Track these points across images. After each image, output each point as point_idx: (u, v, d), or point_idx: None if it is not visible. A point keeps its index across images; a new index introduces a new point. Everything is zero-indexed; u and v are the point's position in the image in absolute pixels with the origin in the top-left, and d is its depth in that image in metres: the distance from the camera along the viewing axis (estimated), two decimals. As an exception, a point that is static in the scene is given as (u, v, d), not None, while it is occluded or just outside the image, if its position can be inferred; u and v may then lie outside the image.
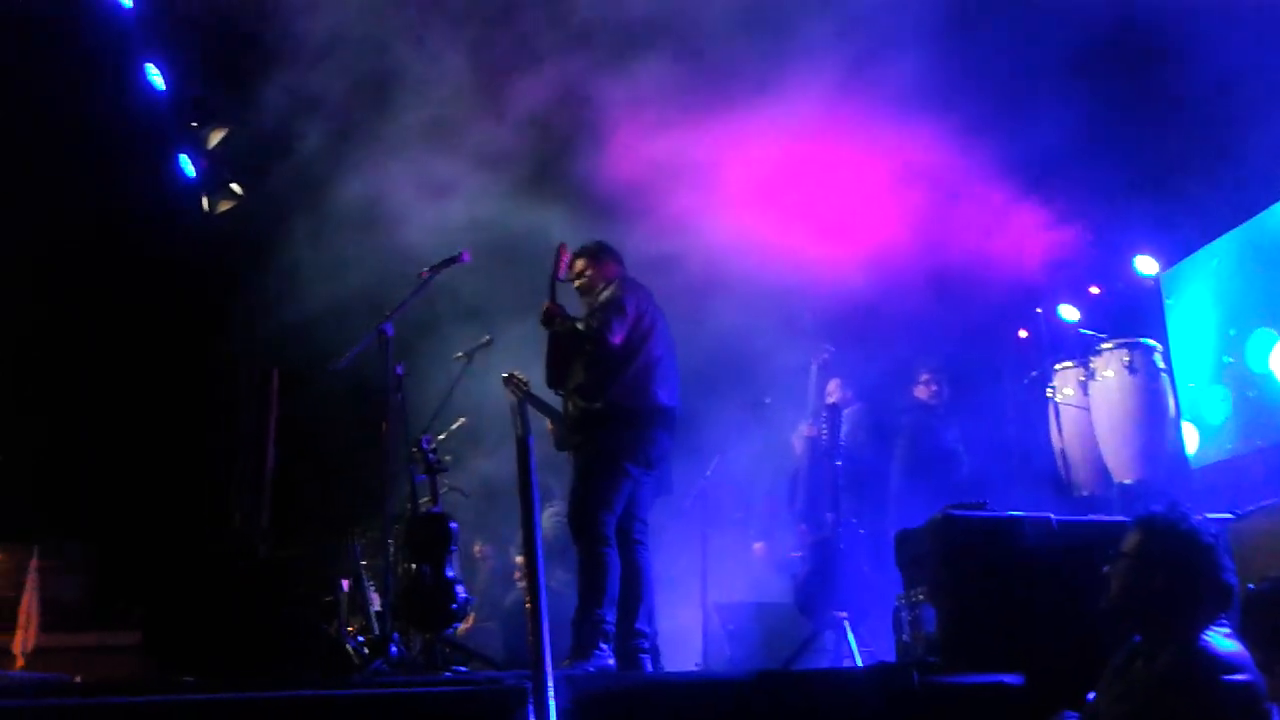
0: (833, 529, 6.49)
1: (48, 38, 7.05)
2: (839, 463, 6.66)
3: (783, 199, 7.45)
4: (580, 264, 6.17)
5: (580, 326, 5.90)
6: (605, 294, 5.94)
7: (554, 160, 7.35)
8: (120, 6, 7.08)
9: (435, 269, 6.06)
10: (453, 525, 5.64)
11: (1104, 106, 6.74)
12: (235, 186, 8.42)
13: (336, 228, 8.28)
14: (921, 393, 7.58)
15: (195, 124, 8.02)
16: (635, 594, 5.70)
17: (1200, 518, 3.42)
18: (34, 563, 7.87)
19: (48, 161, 7.51)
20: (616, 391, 5.78)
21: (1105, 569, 3.48)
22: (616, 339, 5.77)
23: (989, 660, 4.26)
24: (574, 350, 5.90)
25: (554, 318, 5.90)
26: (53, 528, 8.40)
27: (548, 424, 6.15)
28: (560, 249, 6.02)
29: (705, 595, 7.39)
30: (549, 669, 3.56)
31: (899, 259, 7.33)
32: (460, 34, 7.53)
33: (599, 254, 6.19)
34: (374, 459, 6.01)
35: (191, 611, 5.15)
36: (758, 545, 8.36)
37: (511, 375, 6.34)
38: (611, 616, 5.55)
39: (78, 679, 6.42)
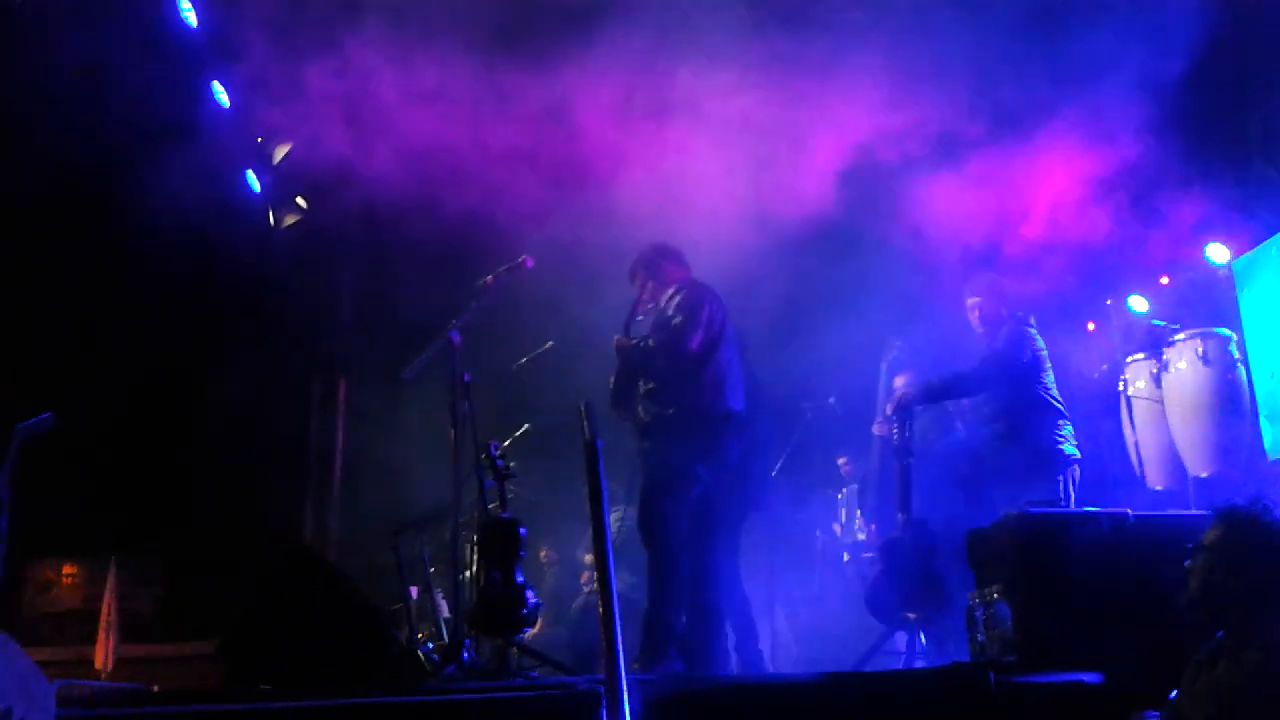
0: (903, 528, 6.43)
1: (116, 59, 7.18)
2: (911, 460, 6.59)
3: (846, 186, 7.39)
4: (639, 278, 6.16)
5: (651, 343, 5.88)
6: (675, 300, 5.91)
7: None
8: (186, 26, 7.20)
9: (499, 275, 6.09)
10: (522, 530, 5.66)
11: (1174, 92, 6.61)
12: (300, 201, 8.53)
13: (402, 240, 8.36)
14: None
15: (260, 140, 8.15)
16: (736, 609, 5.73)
17: (1283, 511, 3.34)
18: (111, 576, 8.02)
19: (119, 179, 7.66)
20: (690, 398, 5.76)
21: (1186, 564, 3.41)
22: (693, 345, 5.76)
23: (1066, 659, 4.21)
24: (647, 368, 5.90)
25: (624, 349, 5.91)
26: (129, 541, 8.56)
27: None
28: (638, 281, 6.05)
29: (773, 595, 7.36)
30: (623, 673, 3.56)
31: (962, 253, 7.26)
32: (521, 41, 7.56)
33: (655, 262, 6.16)
34: (441, 465, 6.05)
35: (265, 621, 5.21)
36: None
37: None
38: (681, 619, 5.54)
39: (155, 688, 6.55)
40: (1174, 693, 3.40)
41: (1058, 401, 6.33)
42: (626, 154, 7.00)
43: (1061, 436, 6.18)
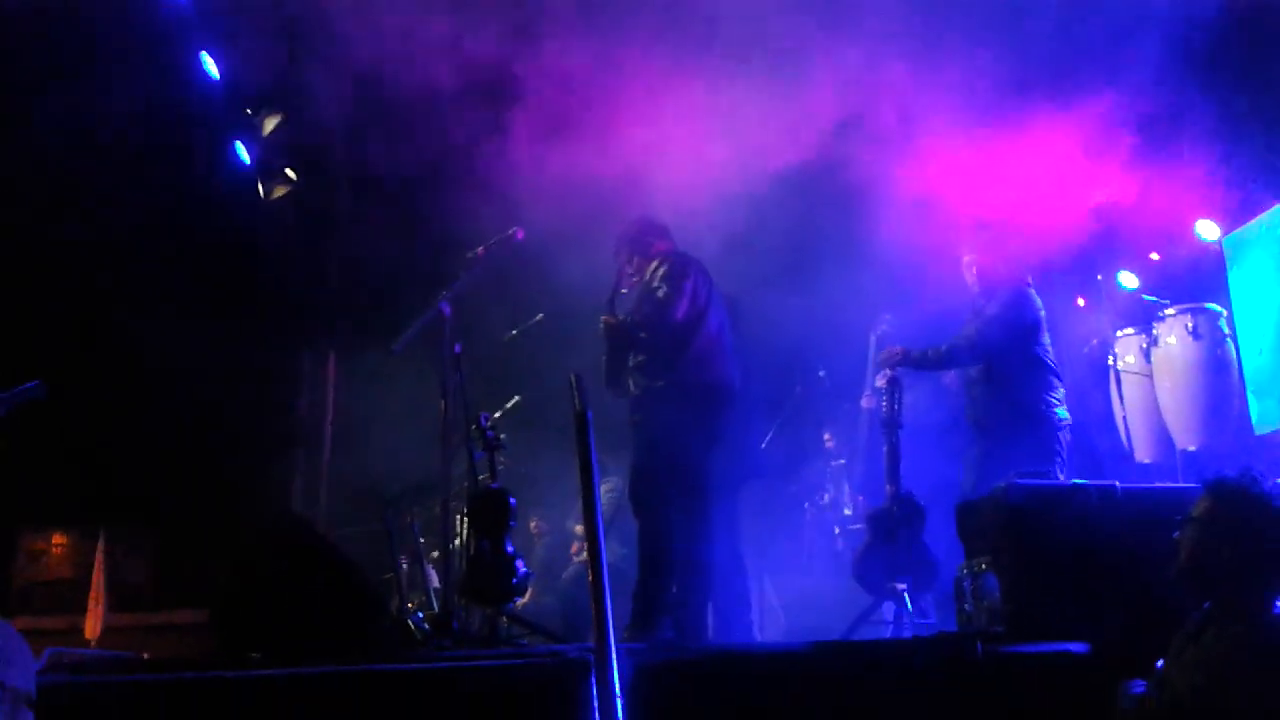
0: (891, 500, 6.45)
1: (104, 28, 7.14)
2: (899, 432, 6.61)
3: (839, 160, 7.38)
4: (623, 254, 6.14)
5: (637, 316, 5.88)
6: (659, 272, 5.91)
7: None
8: (175, -4, 7.15)
9: (489, 247, 6.07)
10: (511, 501, 5.68)
11: (1164, 70, 6.61)
12: (289, 172, 8.49)
13: (390, 210, 8.33)
14: None
15: (249, 111, 8.10)
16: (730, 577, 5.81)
17: (1273, 483, 3.36)
18: (100, 545, 8.02)
19: (106, 150, 7.62)
20: (679, 369, 5.77)
21: (1175, 535, 3.43)
22: (678, 315, 5.75)
23: (1054, 629, 4.23)
24: (634, 341, 5.89)
25: (611, 328, 5.90)
26: (118, 512, 8.56)
27: None
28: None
29: (761, 565, 7.39)
30: (612, 640, 3.58)
31: (952, 228, 7.24)
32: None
33: (638, 236, 6.14)
34: (431, 437, 6.05)
35: (254, 590, 5.21)
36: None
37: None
38: (671, 588, 5.56)
39: (146, 656, 6.56)
40: (1160, 662, 3.42)
41: (1054, 364, 6.29)
42: (618, 121, 6.96)
43: (1055, 399, 6.15)
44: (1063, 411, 6.15)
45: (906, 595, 6.17)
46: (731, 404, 5.93)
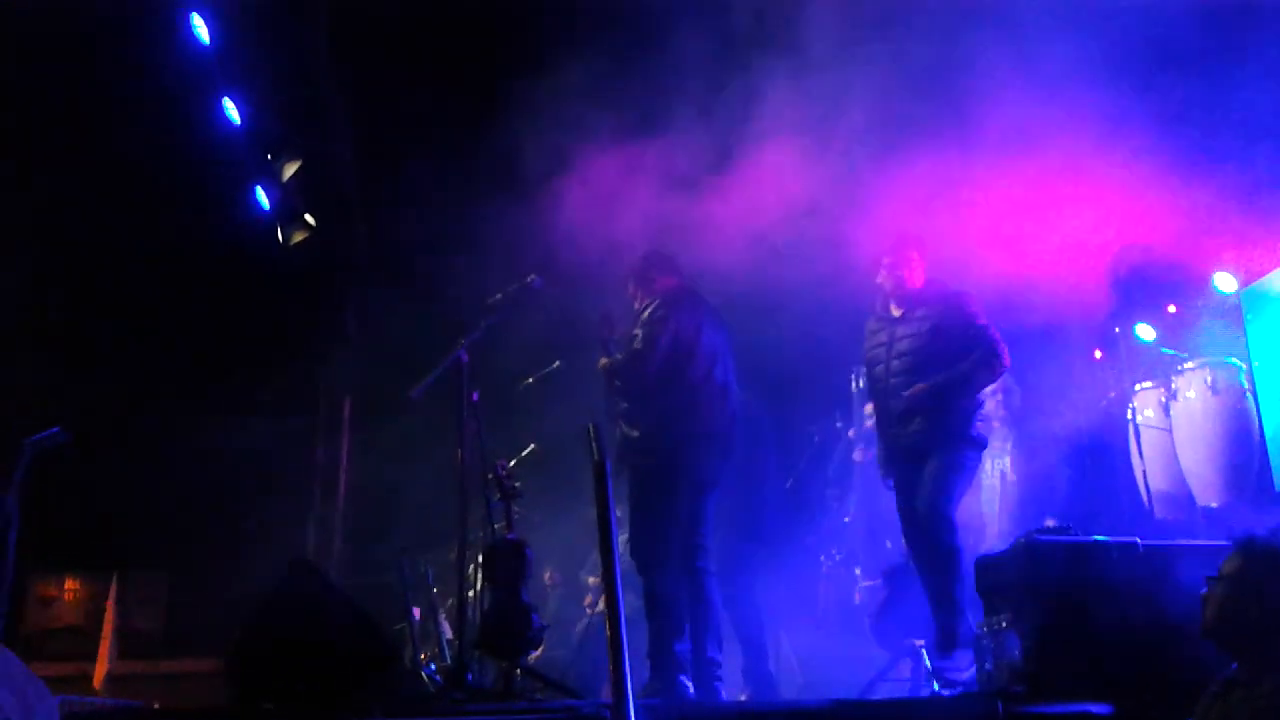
0: (906, 555, 6.40)
1: (129, 74, 7.23)
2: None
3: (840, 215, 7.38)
4: (630, 289, 6.11)
5: (614, 365, 5.83)
6: (644, 315, 5.84)
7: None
8: (199, 42, 7.23)
9: (507, 295, 6.08)
10: (529, 552, 5.64)
11: (1182, 121, 6.63)
12: (309, 218, 8.54)
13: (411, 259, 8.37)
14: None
15: (270, 157, 8.17)
16: (704, 621, 5.63)
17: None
18: (112, 592, 8.00)
19: (128, 194, 7.69)
20: (655, 419, 5.68)
21: (1203, 592, 3.39)
22: (650, 366, 5.69)
23: (1075, 689, 4.18)
24: (613, 388, 5.88)
25: (605, 371, 5.89)
26: (132, 558, 8.55)
27: None
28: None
29: (776, 619, 7.32)
30: (630, 697, 3.53)
31: (967, 279, 7.24)
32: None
33: (644, 271, 6.07)
34: (446, 486, 6.03)
35: (268, 639, 5.18)
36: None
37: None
38: (684, 646, 5.50)
39: (156, 706, 6.51)
40: (1187, 723, 3.38)
41: None
42: (628, 171, 6.99)
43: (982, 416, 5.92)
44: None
45: (925, 652, 6.10)
46: (721, 452, 5.81)
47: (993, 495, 7.17)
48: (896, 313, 5.95)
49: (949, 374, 5.68)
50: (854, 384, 7.72)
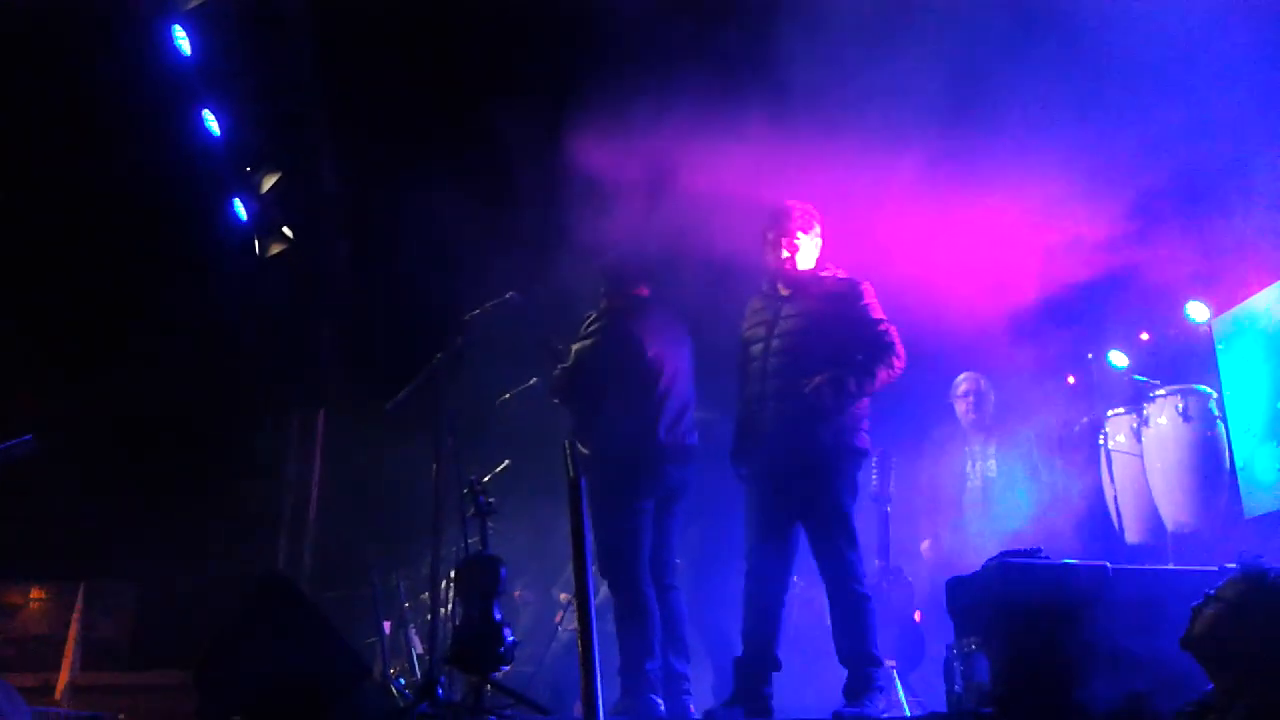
0: (881, 576, 6.42)
1: (110, 85, 7.21)
2: (889, 508, 6.60)
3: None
4: (602, 289, 6.08)
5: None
6: (582, 329, 5.83)
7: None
8: (180, 54, 7.22)
9: (484, 311, 6.08)
10: (502, 569, 5.63)
11: (1157, 150, 6.70)
12: (286, 230, 8.53)
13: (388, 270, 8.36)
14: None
15: (249, 169, 8.16)
16: (670, 636, 5.62)
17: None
18: (78, 602, 7.93)
19: (105, 204, 7.66)
20: (601, 434, 5.64)
21: (1193, 605, 3.41)
22: (571, 383, 5.70)
23: (1044, 711, 4.19)
24: None
25: None
26: (99, 567, 8.47)
27: None
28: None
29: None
30: (601, 714, 3.54)
31: (941, 306, 7.28)
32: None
33: (608, 281, 6.01)
34: (420, 500, 6.01)
35: (236, 652, 5.15)
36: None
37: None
38: (655, 664, 5.48)
39: (122, 717, 6.46)
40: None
41: None
42: (608, 184, 7.00)
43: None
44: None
45: (895, 673, 6.11)
46: (677, 461, 5.70)
47: (975, 498, 7.14)
48: (785, 292, 5.52)
49: (849, 366, 5.22)
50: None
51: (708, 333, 6.22)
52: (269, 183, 8.30)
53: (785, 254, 5.47)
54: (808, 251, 5.53)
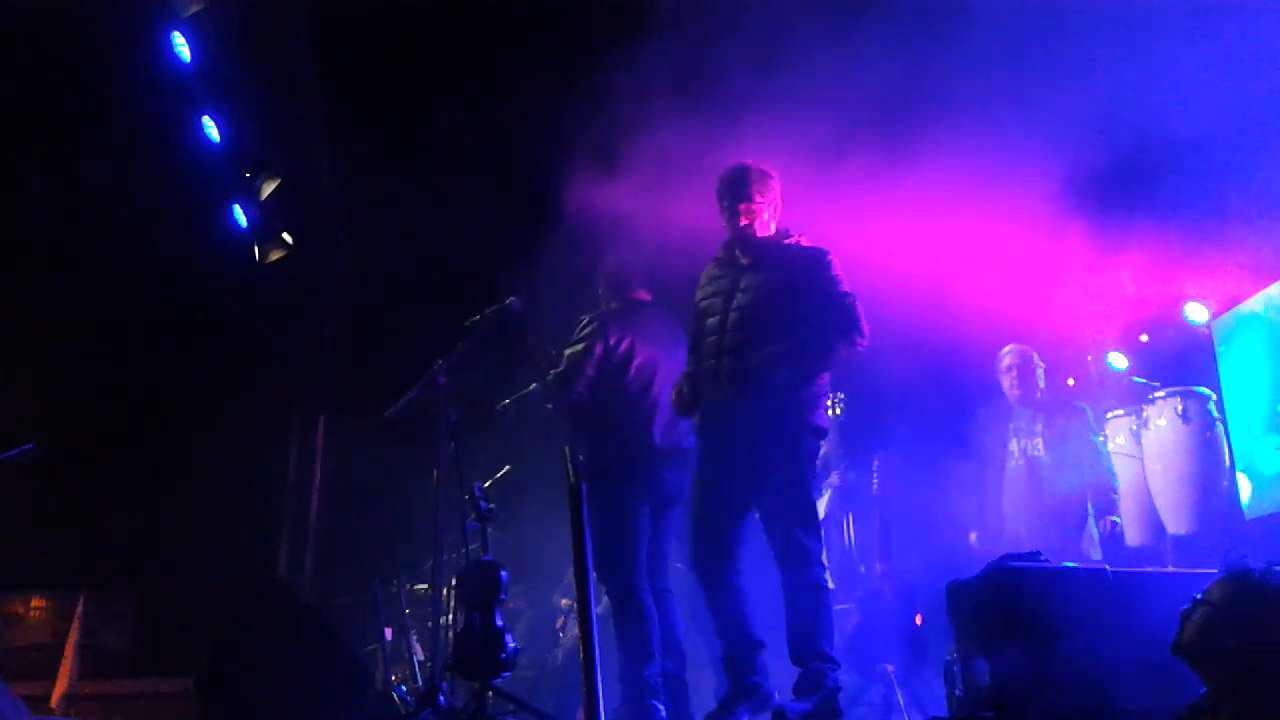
0: (882, 579, 6.43)
1: (111, 92, 7.23)
2: (889, 512, 6.61)
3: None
4: (601, 290, 6.08)
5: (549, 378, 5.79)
6: (575, 334, 5.82)
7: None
8: (180, 61, 7.24)
9: (485, 317, 6.08)
10: (503, 574, 5.63)
11: (1155, 151, 6.71)
12: (286, 236, 8.54)
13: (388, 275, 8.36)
14: None
15: (249, 175, 8.17)
16: (668, 641, 5.61)
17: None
18: (80, 610, 7.92)
19: (105, 210, 7.67)
20: (593, 439, 5.64)
21: (1182, 610, 3.42)
22: (568, 391, 5.67)
23: (1043, 714, 4.19)
24: None
25: None
26: (101, 576, 8.47)
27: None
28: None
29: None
30: (602, 717, 3.54)
31: (939, 308, 7.29)
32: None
33: (607, 285, 6.03)
34: (421, 507, 6.02)
35: (238, 659, 5.16)
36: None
37: None
38: (654, 670, 5.48)
39: (124, 725, 6.46)
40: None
41: None
42: (614, 189, 7.01)
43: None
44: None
45: (895, 677, 6.12)
46: (674, 466, 5.65)
47: (1017, 480, 6.71)
48: (744, 260, 5.23)
49: (808, 342, 4.99)
50: (830, 409, 7.73)
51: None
52: (269, 189, 8.31)
53: (743, 220, 5.18)
54: (767, 217, 5.24)
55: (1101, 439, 6.81)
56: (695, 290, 5.40)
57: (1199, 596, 3.41)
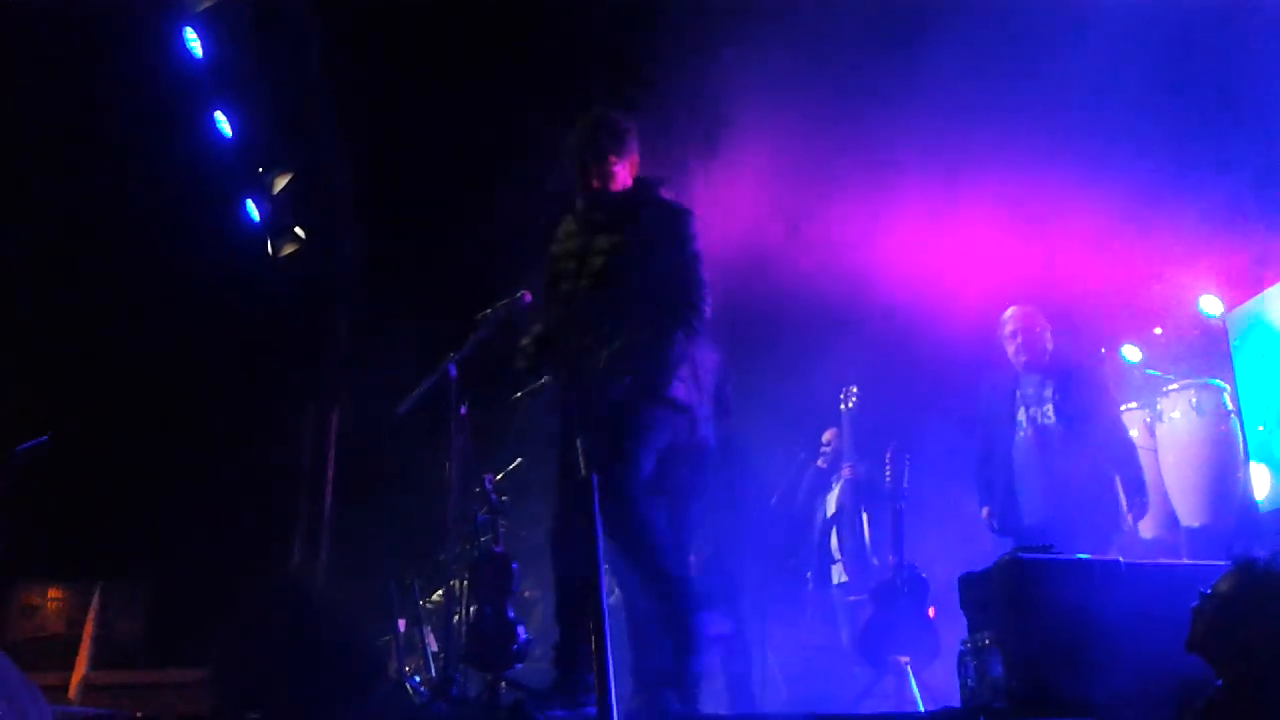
0: (895, 571, 6.43)
1: (122, 87, 7.24)
2: (902, 505, 6.60)
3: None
4: None
5: None
6: None
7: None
8: (192, 56, 7.26)
9: (496, 310, 6.09)
10: (514, 566, 5.65)
11: (1169, 145, 6.69)
12: (299, 230, 8.56)
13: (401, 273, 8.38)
14: None
15: (261, 169, 8.19)
16: (683, 634, 5.61)
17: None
18: (95, 601, 7.96)
19: (117, 205, 7.69)
20: None
21: (1193, 606, 3.42)
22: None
23: (1057, 706, 4.19)
24: None
25: None
26: (116, 567, 8.51)
27: None
28: None
29: (761, 636, 7.33)
30: (615, 710, 3.55)
31: (953, 301, 7.30)
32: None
33: None
34: (433, 499, 6.03)
35: (252, 650, 5.18)
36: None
37: None
38: (666, 659, 5.49)
39: (138, 715, 6.48)
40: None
41: None
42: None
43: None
44: None
45: (909, 669, 6.12)
46: (691, 465, 5.51)
47: (1028, 451, 6.36)
48: (599, 219, 4.92)
49: (652, 322, 4.68)
50: (843, 403, 7.75)
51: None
52: (281, 183, 8.33)
53: (596, 182, 4.86)
54: (624, 172, 4.91)
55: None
56: (550, 242, 5.14)
57: (1207, 591, 3.41)
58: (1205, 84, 6.67)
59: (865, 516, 7.53)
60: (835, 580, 7.87)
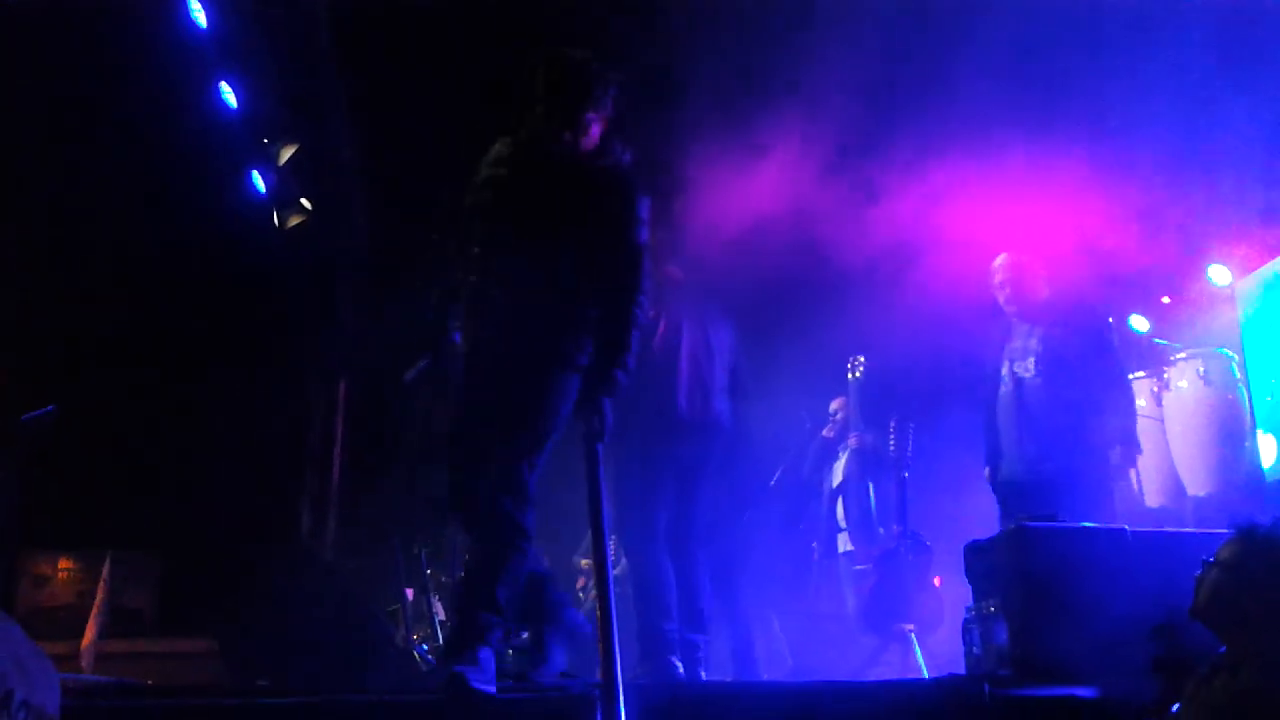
0: (899, 541, 6.44)
1: (126, 58, 7.21)
2: (907, 474, 6.61)
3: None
4: None
5: None
6: None
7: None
8: (196, 26, 7.21)
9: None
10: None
11: (1178, 113, 6.65)
12: (305, 201, 8.54)
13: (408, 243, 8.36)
14: None
15: (266, 140, 8.15)
16: (690, 606, 5.65)
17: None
18: (105, 571, 8.01)
19: (122, 176, 7.67)
20: (618, 410, 5.61)
21: (1196, 574, 3.43)
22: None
23: (1062, 673, 4.22)
24: None
25: None
26: (126, 537, 8.55)
27: None
28: None
29: (766, 604, 7.36)
30: (618, 677, 3.57)
31: (959, 269, 7.27)
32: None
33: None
34: (439, 468, 6.04)
35: (262, 619, 5.22)
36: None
37: None
38: (672, 626, 5.53)
39: (149, 684, 6.54)
40: (1176, 706, 3.41)
41: None
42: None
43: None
44: None
45: (914, 637, 6.14)
46: (700, 442, 5.70)
47: (1007, 408, 6.08)
48: (547, 167, 4.52)
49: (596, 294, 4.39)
50: (850, 372, 7.74)
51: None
52: (287, 154, 8.30)
53: (569, 128, 4.46)
54: (597, 130, 4.52)
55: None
56: (484, 163, 4.82)
57: (1210, 559, 3.42)
58: (1221, 52, 6.62)
59: (871, 486, 7.53)
60: (841, 549, 7.89)
